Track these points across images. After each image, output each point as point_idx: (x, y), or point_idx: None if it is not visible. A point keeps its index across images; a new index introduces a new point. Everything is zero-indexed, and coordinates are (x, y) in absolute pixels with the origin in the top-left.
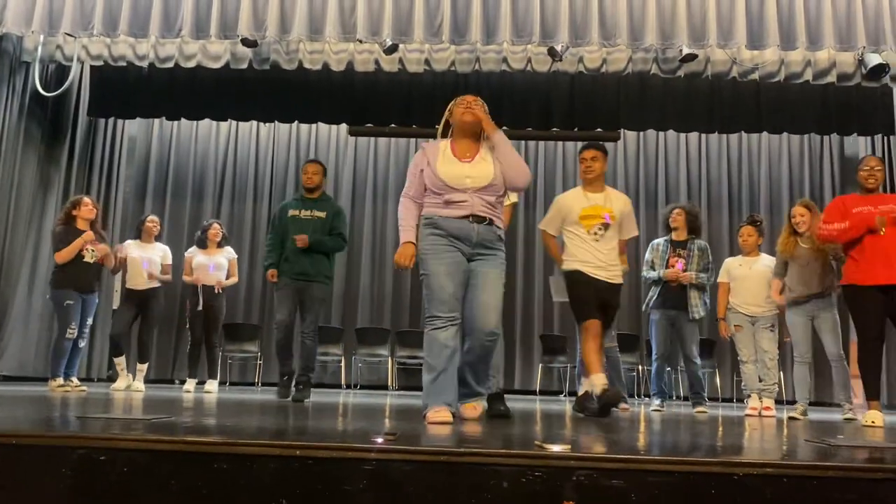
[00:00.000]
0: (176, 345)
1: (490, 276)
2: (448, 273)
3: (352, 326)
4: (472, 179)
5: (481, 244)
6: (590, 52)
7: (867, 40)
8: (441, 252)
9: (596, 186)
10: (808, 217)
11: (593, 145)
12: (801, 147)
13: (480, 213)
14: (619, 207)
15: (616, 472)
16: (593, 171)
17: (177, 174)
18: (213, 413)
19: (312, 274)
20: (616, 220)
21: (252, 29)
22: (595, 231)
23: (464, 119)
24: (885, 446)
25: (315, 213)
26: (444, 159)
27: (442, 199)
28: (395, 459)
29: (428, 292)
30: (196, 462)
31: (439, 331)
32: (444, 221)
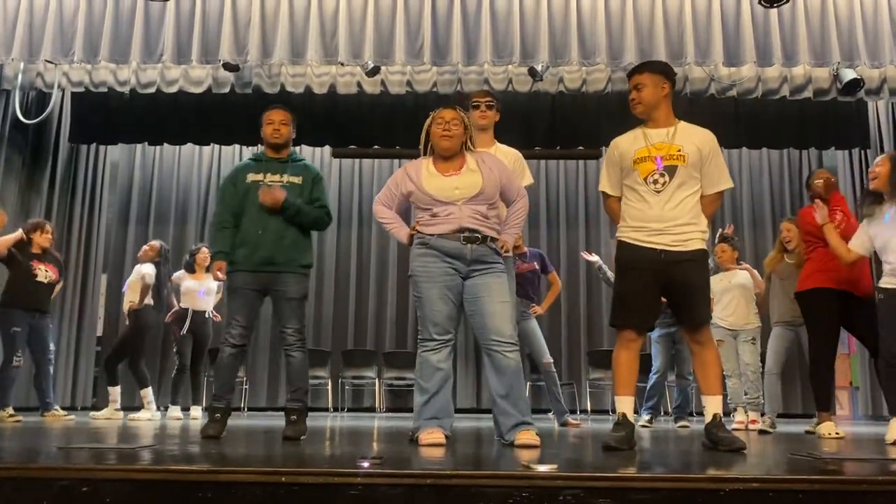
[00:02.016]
0: (160, 371)
1: (492, 285)
2: (441, 295)
3: (339, 349)
4: (460, 190)
5: (477, 261)
6: (570, 72)
7: (841, 56)
8: (434, 274)
9: (658, 120)
10: (794, 233)
11: (635, 69)
12: (781, 162)
13: (470, 226)
14: (693, 143)
15: (603, 491)
16: (640, 103)
17: (160, 199)
18: (197, 440)
19: (282, 262)
20: (687, 161)
21: (234, 53)
22: (656, 178)
23: (441, 145)
24: (870, 458)
25: (286, 177)
26: (428, 175)
27: (430, 214)
28: (381, 483)
29: (421, 314)
30: (180, 491)
31: (432, 353)
32: (437, 241)
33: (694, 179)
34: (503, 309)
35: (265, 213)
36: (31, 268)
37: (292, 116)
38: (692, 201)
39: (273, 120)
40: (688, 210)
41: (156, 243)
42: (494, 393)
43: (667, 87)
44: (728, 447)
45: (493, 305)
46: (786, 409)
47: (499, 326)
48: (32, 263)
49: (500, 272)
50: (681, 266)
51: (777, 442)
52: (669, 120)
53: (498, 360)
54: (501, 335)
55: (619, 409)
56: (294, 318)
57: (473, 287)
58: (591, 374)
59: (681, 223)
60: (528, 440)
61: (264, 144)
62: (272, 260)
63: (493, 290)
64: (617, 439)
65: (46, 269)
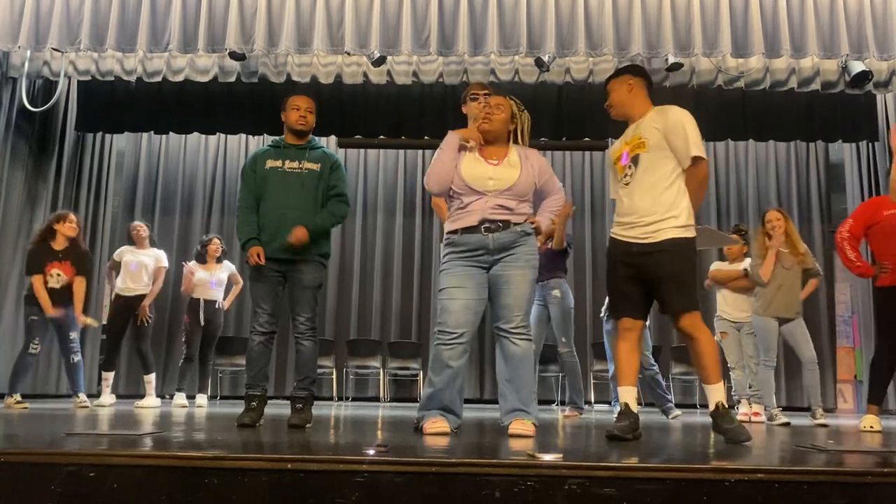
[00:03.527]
0: (166, 358)
1: (514, 276)
2: (460, 286)
3: (343, 338)
4: (494, 182)
5: (500, 249)
6: (576, 63)
7: (850, 48)
8: (456, 267)
9: (633, 115)
10: (782, 222)
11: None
12: (788, 154)
13: (491, 217)
14: (652, 127)
15: (608, 481)
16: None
17: (166, 188)
18: (203, 427)
19: (300, 250)
20: (647, 146)
21: (240, 42)
22: (626, 172)
23: (481, 129)
24: (875, 451)
25: (305, 164)
26: (470, 158)
27: (462, 203)
28: (386, 471)
29: (440, 306)
30: (187, 477)
31: (444, 348)
32: (461, 239)
33: (660, 160)
34: (518, 301)
35: (283, 200)
36: (44, 273)
37: (316, 104)
38: (661, 186)
39: (299, 106)
40: (656, 197)
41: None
42: (500, 376)
43: (633, 83)
44: (734, 439)
45: (507, 298)
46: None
47: (508, 316)
48: (46, 268)
49: (525, 259)
50: (652, 257)
51: (784, 434)
52: (641, 112)
53: (505, 346)
54: (510, 323)
55: (621, 399)
56: (308, 307)
57: (496, 278)
58: (595, 366)
59: (649, 214)
60: (522, 430)
61: (286, 130)
62: (291, 248)
63: (511, 282)
64: (621, 429)
65: (59, 271)
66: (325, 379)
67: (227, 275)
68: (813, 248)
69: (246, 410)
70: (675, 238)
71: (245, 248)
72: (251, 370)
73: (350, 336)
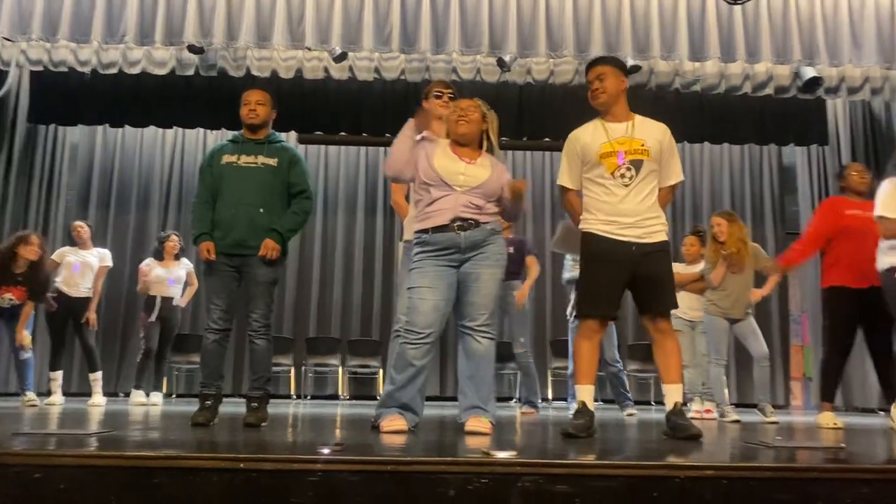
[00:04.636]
0: (121, 356)
1: (482, 276)
2: (430, 286)
3: (302, 336)
4: (465, 178)
5: (471, 247)
6: (537, 64)
7: (802, 54)
8: (427, 266)
9: (616, 114)
10: (724, 226)
11: (596, 60)
12: (742, 157)
13: (463, 215)
14: (654, 138)
15: (561, 478)
16: (603, 92)
17: (121, 183)
18: (157, 426)
19: (254, 245)
20: (651, 155)
21: (198, 36)
22: (623, 173)
23: (458, 130)
24: (820, 447)
25: (262, 159)
26: (442, 153)
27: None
28: (341, 470)
29: (409, 304)
30: (137, 477)
31: (410, 347)
32: (432, 238)
33: (654, 173)
34: (484, 299)
35: (238, 195)
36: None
37: (271, 97)
38: (655, 194)
39: (249, 101)
40: (652, 203)
41: (80, 222)
42: (461, 373)
43: (625, 82)
44: (685, 434)
45: (476, 296)
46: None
47: (473, 314)
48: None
49: (494, 259)
50: (650, 257)
51: (735, 430)
52: (627, 114)
53: (468, 343)
54: (475, 321)
55: (579, 398)
56: (262, 304)
57: (465, 275)
58: (553, 363)
59: (648, 216)
60: (478, 427)
61: (242, 125)
62: (245, 243)
63: (481, 281)
64: (576, 427)
65: (12, 296)
66: (283, 377)
67: (184, 272)
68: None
69: (200, 409)
70: (665, 240)
71: (196, 242)
72: (206, 368)
73: (310, 334)
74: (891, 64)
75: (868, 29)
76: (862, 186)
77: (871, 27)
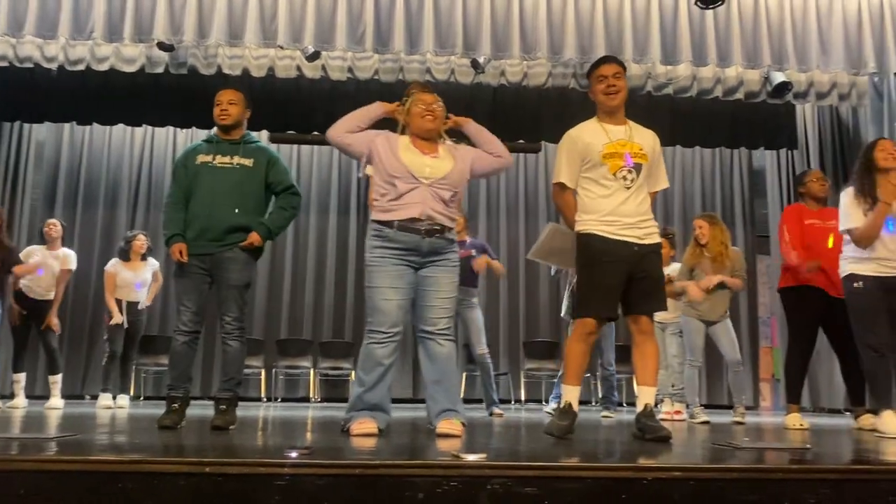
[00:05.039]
0: (87, 358)
1: (441, 280)
2: (394, 289)
3: (273, 337)
4: (431, 169)
5: (432, 252)
6: (511, 66)
7: (772, 59)
8: (388, 265)
9: (618, 117)
10: (706, 229)
11: (610, 59)
12: (713, 160)
13: (431, 214)
14: (649, 144)
15: (530, 480)
16: (620, 91)
17: (88, 181)
18: (123, 430)
19: (229, 246)
20: (649, 160)
21: (168, 33)
22: (625, 175)
23: (424, 126)
24: (785, 448)
25: (237, 159)
26: (406, 148)
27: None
28: (308, 474)
29: (371, 304)
30: (100, 482)
31: (378, 346)
32: (396, 235)
33: (645, 178)
34: (444, 303)
35: (213, 196)
36: None
37: (244, 97)
38: (648, 197)
39: (220, 101)
40: (648, 206)
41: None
42: (427, 379)
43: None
44: (655, 436)
45: (435, 300)
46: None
47: (435, 318)
48: None
49: (452, 265)
50: (648, 258)
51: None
52: (623, 118)
53: (431, 347)
54: (436, 326)
55: (566, 398)
56: (235, 307)
57: (423, 279)
58: (527, 365)
59: (645, 218)
60: (450, 429)
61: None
62: (219, 244)
63: (439, 285)
64: (560, 428)
65: None
66: (253, 379)
67: (151, 273)
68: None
69: (167, 412)
70: (660, 242)
71: (169, 244)
72: (174, 370)
73: (281, 335)
74: (858, 70)
75: (836, 35)
76: (822, 193)
77: (838, 33)
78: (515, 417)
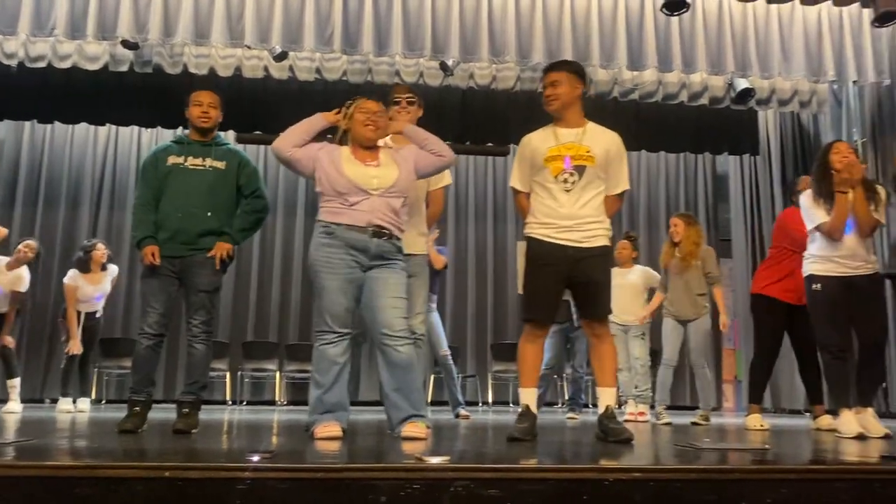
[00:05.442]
0: (47, 361)
1: (389, 280)
2: (342, 287)
3: (239, 340)
4: (378, 180)
5: (380, 256)
6: (480, 69)
7: (735, 66)
8: (336, 265)
9: (569, 119)
10: (681, 227)
11: (553, 66)
12: (678, 165)
13: (380, 223)
14: (602, 146)
15: (492, 482)
16: (556, 99)
17: (50, 181)
18: (83, 434)
19: (200, 250)
20: (596, 162)
21: (133, 31)
22: (566, 178)
23: (366, 135)
24: (745, 448)
25: (210, 161)
26: (347, 160)
27: (346, 203)
28: (270, 478)
29: (320, 306)
30: (56, 487)
31: (329, 346)
32: (343, 232)
33: (600, 179)
34: (396, 304)
35: (185, 198)
36: None
37: (221, 99)
38: (598, 200)
39: (202, 101)
40: (595, 208)
41: (34, 244)
42: (387, 387)
43: (580, 88)
44: (617, 438)
45: (385, 300)
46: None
47: (389, 321)
48: None
49: (399, 268)
50: (587, 261)
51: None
52: (580, 120)
53: (390, 354)
54: (391, 328)
55: (522, 401)
56: (203, 311)
57: (371, 281)
58: (494, 367)
59: (588, 221)
60: (415, 432)
61: (190, 126)
62: (190, 248)
63: (389, 285)
64: (520, 430)
65: None
66: (218, 382)
67: (111, 282)
68: None
69: (128, 416)
70: (605, 245)
71: (140, 246)
72: (137, 374)
73: (247, 338)
74: (818, 78)
75: (797, 44)
76: None
77: (799, 42)
78: (482, 420)
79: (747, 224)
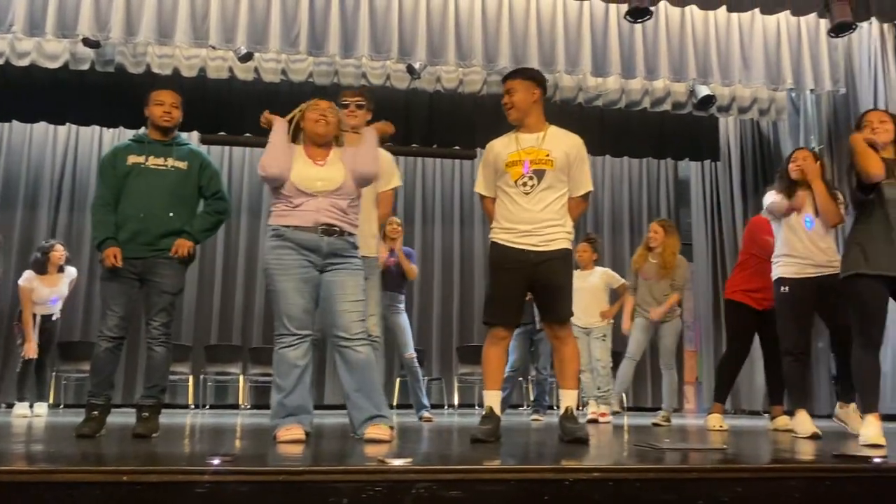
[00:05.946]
0: (2, 365)
1: (346, 283)
2: (297, 289)
3: (202, 343)
4: (323, 182)
5: (333, 254)
6: (447, 72)
7: (697, 73)
8: (289, 267)
9: (529, 125)
10: (661, 235)
11: (508, 75)
12: (640, 170)
13: (328, 221)
14: (561, 149)
15: (454, 483)
16: (512, 107)
17: (7, 181)
18: (39, 439)
19: (162, 250)
20: (555, 166)
21: (94, 29)
22: (525, 181)
23: (317, 131)
24: (704, 448)
25: (171, 161)
26: (297, 159)
27: (291, 205)
28: (230, 482)
29: (277, 309)
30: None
31: (289, 349)
32: (292, 233)
33: (561, 182)
34: (354, 307)
35: (146, 198)
36: None
37: (182, 99)
38: (559, 203)
39: (164, 101)
40: (555, 211)
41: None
42: (347, 388)
43: (537, 93)
44: (571, 436)
45: (343, 304)
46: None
47: (346, 324)
48: None
49: (355, 268)
50: (546, 265)
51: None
52: (540, 125)
53: (348, 356)
54: (349, 331)
55: (486, 403)
56: (164, 313)
57: (327, 284)
58: (460, 370)
59: (547, 224)
60: (378, 434)
61: (150, 125)
62: (152, 248)
63: (346, 288)
64: (484, 432)
65: None
66: (180, 386)
67: (68, 285)
68: None
69: (86, 420)
70: (565, 248)
71: (101, 248)
72: (95, 377)
73: (210, 341)
74: (777, 86)
75: (756, 52)
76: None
77: (759, 51)
78: (447, 422)
79: (708, 228)
